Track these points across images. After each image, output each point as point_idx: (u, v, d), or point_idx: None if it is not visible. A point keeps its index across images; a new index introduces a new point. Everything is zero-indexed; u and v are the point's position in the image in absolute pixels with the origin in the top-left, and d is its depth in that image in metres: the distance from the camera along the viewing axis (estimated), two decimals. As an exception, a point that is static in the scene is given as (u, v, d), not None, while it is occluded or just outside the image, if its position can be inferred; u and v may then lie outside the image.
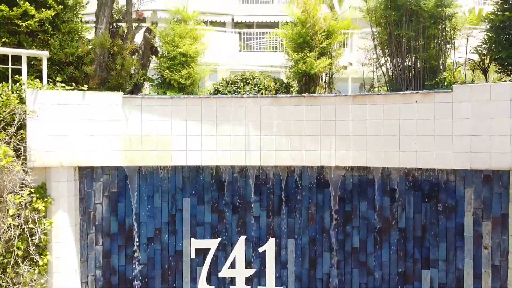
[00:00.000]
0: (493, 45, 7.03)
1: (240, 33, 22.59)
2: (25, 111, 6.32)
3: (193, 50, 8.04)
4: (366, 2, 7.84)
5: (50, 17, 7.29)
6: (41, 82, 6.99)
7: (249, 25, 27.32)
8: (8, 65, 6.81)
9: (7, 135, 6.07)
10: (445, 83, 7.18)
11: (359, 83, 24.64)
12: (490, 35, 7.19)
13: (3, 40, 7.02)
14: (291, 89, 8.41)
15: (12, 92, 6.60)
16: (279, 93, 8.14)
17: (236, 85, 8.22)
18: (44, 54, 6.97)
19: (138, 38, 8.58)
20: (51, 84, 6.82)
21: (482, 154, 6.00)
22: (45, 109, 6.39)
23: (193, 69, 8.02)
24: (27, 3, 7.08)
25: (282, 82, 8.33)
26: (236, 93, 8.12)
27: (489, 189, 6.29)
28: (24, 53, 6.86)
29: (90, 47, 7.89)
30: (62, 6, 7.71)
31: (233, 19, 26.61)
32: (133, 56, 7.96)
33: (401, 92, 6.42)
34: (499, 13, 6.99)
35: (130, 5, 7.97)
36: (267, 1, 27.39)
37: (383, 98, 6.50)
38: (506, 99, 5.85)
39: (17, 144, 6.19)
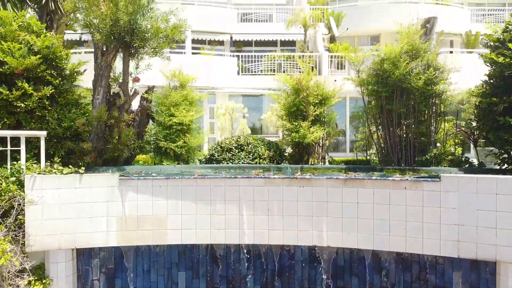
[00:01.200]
0: (482, 126, 7.17)
1: (238, 56, 22.74)
2: (24, 198, 6.47)
3: (188, 118, 8.18)
4: (358, 74, 7.98)
5: (48, 94, 7.43)
6: (39, 161, 7.15)
7: (247, 43, 27.46)
8: (7, 146, 6.95)
9: (6, 226, 6.22)
10: (435, 159, 7.32)
11: (355, 101, 24.81)
12: (479, 112, 7.32)
13: (4, 121, 7.16)
14: (285, 154, 8.55)
15: (11, 174, 6.76)
16: (274, 161, 8.28)
17: (231, 152, 8.36)
18: (42, 134, 7.12)
19: (136, 100, 8.75)
20: (48, 166, 6.96)
21: (469, 244, 6.15)
22: (42, 196, 6.54)
23: (189, 137, 8.15)
24: (25, 84, 7.22)
25: (276, 149, 8.47)
26: (231, 161, 8.27)
27: (477, 274, 6.44)
28: (22, 134, 7.01)
29: (87, 114, 8.03)
30: (60, 78, 7.85)
31: (231, 38, 26.78)
32: (129, 127, 8.08)
33: (390, 178, 6.57)
34: (487, 92, 7.12)
35: (127, 75, 8.10)
36: (265, 20, 27.54)
37: (373, 183, 6.65)
38: (492, 192, 6.00)
39: (15, 234, 6.33)
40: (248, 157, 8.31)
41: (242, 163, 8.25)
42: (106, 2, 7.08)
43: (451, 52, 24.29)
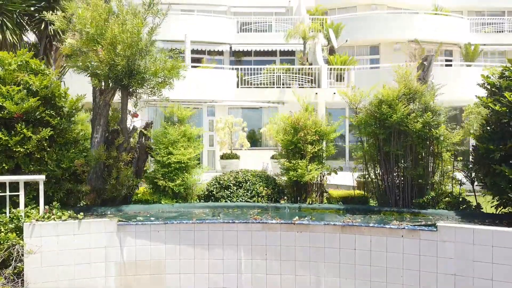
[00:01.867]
0: (479, 170, 7.21)
1: (237, 69, 22.75)
2: (23, 246, 6.51)
3: (187, 156, 8.20)
4: (356, 114, 8.00)
5: (47, 137, 7.46)
6: (38, 203, 7.18)
7: (247, 53, 27.46)
8: (5, 191, 6.98)
9: (5, 277, 6.26)
10: (432, 200, 7.39)
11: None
12: (476, 155, 7.35)
13: (3, 166, 7.18)
14: (285, 191, 8.57)
15: (10, 221, 6.80)
16: (272, 198, 8.33)
17: (229, 190, 8.39)
18: (40, 179, 7.16)
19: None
20: (47, 211, 6.99)
21: (466, 294, 6.19)
22: (41, 245, 6.58)
23: (187, 176, 8.19)
24: (24, 129, 7.24)
25: (274, 185, 8.50)
26: (229, 198, 8.31)
27: (473, 323, 6.47)
28: (21, 179, 7.05)
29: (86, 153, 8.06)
30: (59, 118, 7.86)
31: (231, 48, 26.80)
32: (128, 165, 8.10)
33: (387, 226, 6.61)
34: (484, 136, 7.14)
35: (125, 114, 8.13)
36: (265, 30, 27.51)
37: (371, 230, 6.69)
38: (488, 244, 6.03)
39: (13, 285, 6.37)
40: (246, 194, 8.34)
41: (241, 200, 8.29)
42: (104, 47, 7.10)
43: (448, 65, 24.31)
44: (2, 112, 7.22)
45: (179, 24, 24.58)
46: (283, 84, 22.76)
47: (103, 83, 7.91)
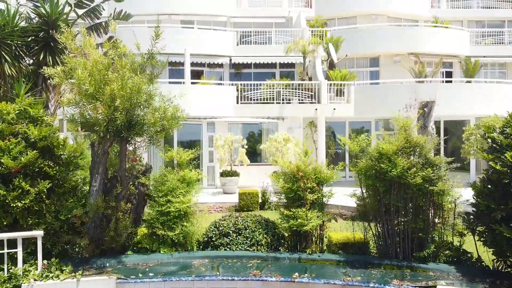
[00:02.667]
0: (479, 224, 7.19)
1: (237, 84, 22.68)
2: (21, 308, 6.49)
3: (186, 204, 8.17)
4: (356, 164, 7.96)
5: (45, 189, 7.42)
6: (37, 259, 7.15)
7: (247, 65, 27.40)
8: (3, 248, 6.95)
9: None
10: (433, 253, 7.37)
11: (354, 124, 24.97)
12: (477, 211, 7.32)
13: (1, 221, 7.15)
14: (285, 237, 8.53)
15: (9, 279, 6.77)
16: (272, 246, 8.29)
17: (229, 237, 8.35)
18: (39, 235, 7.12)
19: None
20: (46, 270, 6.95)
21: None
22: (40, 307, 6.56)
23: (186, 225, 8.15)
24: (23, 182, 7.20)
25: (274, 234, 8.45)
26: (228, 246, 8.27)
27: None
28: (19, 236, 7.01)
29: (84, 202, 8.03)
30: (57, 167, 7.82)
31: (230, 60, 26.74)
32: (127, 212, 8.06)
33: (387, 287, 6.58)
34: (485, 192, 7.10)
35: (124, 162, 8.09)
36: (265, 42, 27.42)
37: (371, 290, 6.66)
38: (489, 311, 6.01)
39: None
40: (246, 242, 8.30)
41: (240, 248, 8.24)
42: (103, 102, 7.05)
43: (448, 81, 24.25)
44: (0, 168, 7.18)
45: (179, 37, 24.56)
46: (283, 100, 22.69)
47: (101, 134, 7.85)
